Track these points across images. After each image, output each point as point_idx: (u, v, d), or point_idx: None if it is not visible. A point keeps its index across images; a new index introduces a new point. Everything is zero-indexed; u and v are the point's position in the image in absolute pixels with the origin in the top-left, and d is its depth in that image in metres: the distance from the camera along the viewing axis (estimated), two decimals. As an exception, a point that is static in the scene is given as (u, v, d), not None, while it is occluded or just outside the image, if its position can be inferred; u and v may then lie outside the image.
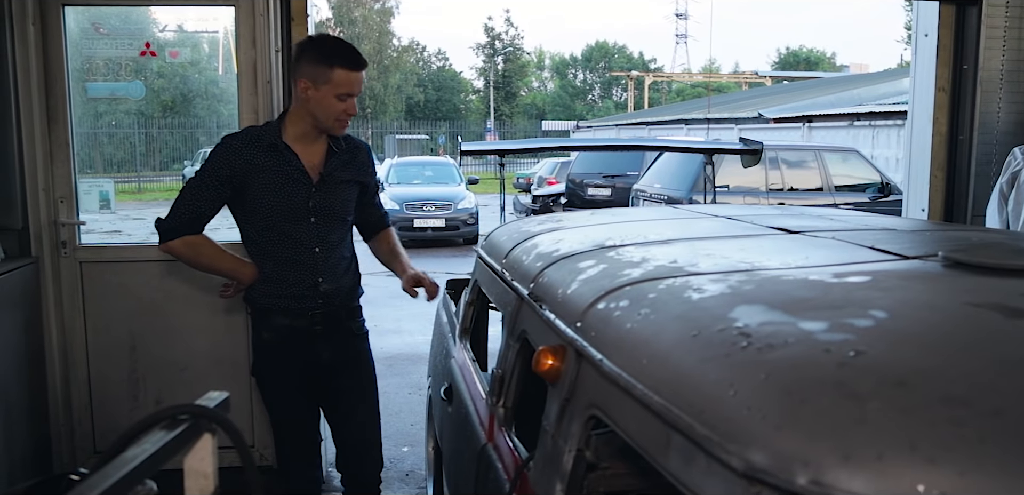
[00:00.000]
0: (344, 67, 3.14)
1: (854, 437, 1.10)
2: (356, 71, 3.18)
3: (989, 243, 2.42)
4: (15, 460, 4.23)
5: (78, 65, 4.64)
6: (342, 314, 3.43)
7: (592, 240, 2.70)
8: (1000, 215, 4.64)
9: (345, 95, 3.16)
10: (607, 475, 1.98)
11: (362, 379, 3.52)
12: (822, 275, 1.88)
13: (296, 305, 3.30)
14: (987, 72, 4.92)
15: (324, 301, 3.33)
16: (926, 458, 1.05)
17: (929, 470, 1.04)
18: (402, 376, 7.00)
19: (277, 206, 3.23)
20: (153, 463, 1.38)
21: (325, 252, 3.31)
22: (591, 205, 16.24)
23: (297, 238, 3.26)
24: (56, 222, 4.55)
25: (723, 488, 1.22)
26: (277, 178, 3.22)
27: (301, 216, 3.26)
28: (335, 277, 3.36)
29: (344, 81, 3.14)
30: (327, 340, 3.37)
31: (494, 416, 2.63)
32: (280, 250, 3.27)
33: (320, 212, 3.29)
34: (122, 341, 4.70)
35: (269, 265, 3.31)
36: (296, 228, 3.26)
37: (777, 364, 1.32)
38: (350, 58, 3.17)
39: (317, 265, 3.30)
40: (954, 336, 1.43)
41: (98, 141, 5.36)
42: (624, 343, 1.70)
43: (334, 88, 3.14)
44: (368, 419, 3.53)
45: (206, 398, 1.59)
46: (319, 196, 3.28)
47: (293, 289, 3.29)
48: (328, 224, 3.32)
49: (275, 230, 3.25)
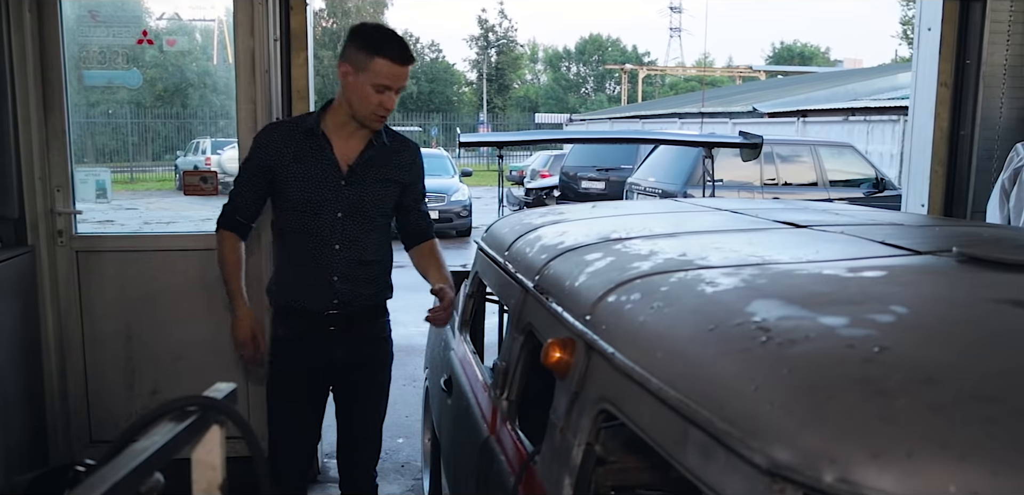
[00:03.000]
0: (387, 58, 3.01)
1: (883, 435, 1.08)
2: (399, 65, 3.04)
3: (1000, 239, 2.40)
4: (12, 450, 4.20)
5: (73, 53, 4.59)
6: (361, 316, 3.30)
7: (597, 233, 2.69)
8: (1001, 211, 4.62)
9: (383, 87, 3.03)
10: (616, 469, 1.97)
11: (372, 380, 3.43)
12: (836, 270, 1.86)
13: (311, 306, 3.21)
14: (990, 67, 4.89)
15: (340, 302, 3.22)
16: (958, 456, 1.03)
17: (961, 469, 1.02)
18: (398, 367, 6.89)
19: (304, 196, 3.13)
20: (162, 455, 1.36)
21: (345, 250, 3.19)
22: (585, 198, 16.20)
23: (319, 233, 3.16)
24: (52, 211, 4.51)
25: (745, 485, 1.20)
26: (307, 167, 3.14)
27: (327, 209, 3.15)
28: (353, 279, 3.22)
29: (385, 72, 3.02)
30: (341, 341, 3.27)
31: (497, 409, 2.61)
32: (302, 245, 3.18)
33: (347, 207, 3.17)
34: (118, 331, 4.66)
35: (289, 263, 3.24)
36: (320, 223, 3.15)
37: (799, 359, 1.30)
38: (395, 49, 3.03)
39: (334, 263, 3.18)
40: (978, 332, 1.41)
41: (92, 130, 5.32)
42: (637, 336, 1.68)
43: (373, 77, 3.01)
44: (371, 416, 3.48)
45: (214, 389, 1.57)
46: (348, 190, 3.17)
47: (309, 289, 3.20)
48: (355, 222, 3.19)
49: (300, 224, 3.16)
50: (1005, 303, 1.54)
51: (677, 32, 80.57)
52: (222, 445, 1.54)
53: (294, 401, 3.33)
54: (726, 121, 27.11)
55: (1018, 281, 1.69)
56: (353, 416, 3.46)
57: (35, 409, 4.49)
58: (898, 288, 1.68)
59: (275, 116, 4.50)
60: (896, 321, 1.42)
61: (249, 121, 4.49)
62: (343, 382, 3.41)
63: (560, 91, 76.89)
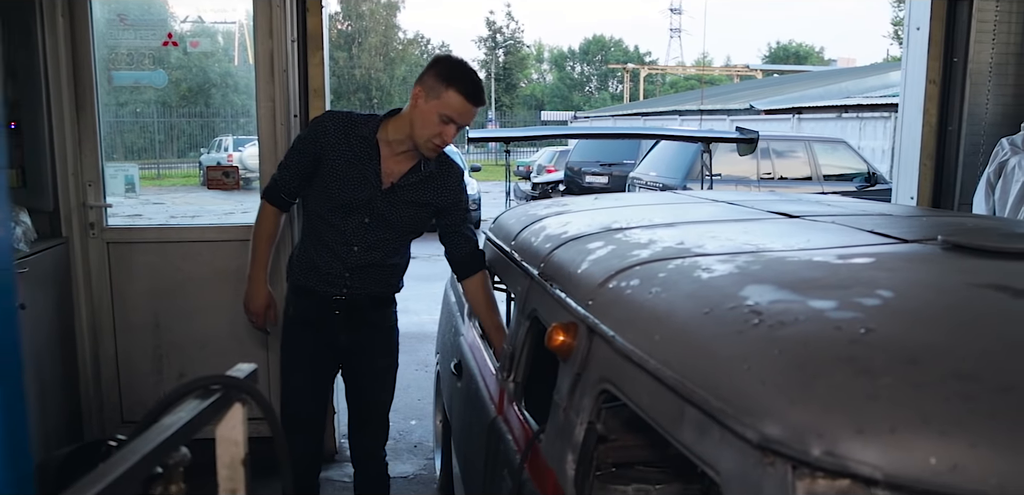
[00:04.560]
0: (459, 92, 2.96)
1: (867, 411, 1.09)
2: (469, 102, 2.98)
3: (983, 228, 2.40)
4: (49, 430, 4.23)
5: (103, 54, 4.62)
6: (365, 304, 3.29)
7: (599, 223, 2.69)
8: (987, 203, 4.63)
9: (449, 119, 2.98)
10: (617, 447, 1.98)
11: (374, 365, 3.43)
12: (827, 257, 1.86)
13: (321, 288, 3.22)
14: (976, 65, 4.88)
15: (348, 291, 3.22)
16: (938, 431, 1.04)
17: (941, 443, 1.03)
18: (410, 353, 6.97)
19: (340, 195, 3.11)
20: (188, 430, 1.37)
21: (363, 253, 3.18)
22: (589, 192, 16.18)
23: (343, 231, 3.15)
24: (84, 205, 4.54)
25: (737, 459, 1.21)
26: (351, 169, 3.11)
27: (357, 214, 3.14)
28: (364, 278, 3.22)
29: (455, 105, 2.96)
30: (346, 326, 3.28)
31: (504, 390, 2.62)
32: (325, 235, 3.18)
33: (376, 217, 3.16)
34: (146, 318, 4.69)
35: (309, 246, 3.25)
36: (347, 223, 3.14)
37: (789, 340, 1.31)
38: (469, 86, 2.98)
39: (349, 260, 3.18)
40: (960, 315, 1.42)
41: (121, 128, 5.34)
42: (636, 320, 1.69)
43: (442, 106, 2.96)
44: (375, 400, 3.49)
45: (236, 370, 1.58)
46: (381, 204, 3.14)
47: (321, 275, 3.21)
48: (379, 232, 3.18)
49: (329, 216, 3.16)
50: (986, 288, 1.55)
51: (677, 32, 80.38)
52: (244, 422, 1.55)
53: (301, 374, 3.36)
54: (724, 118, 27.03)
55: (999, 267, 1.69)
56: (359, 399, 3.48)
57: (71, 392, 4.53)
58: (884, 274, 1.68)
59: (293, 113, 4.52)
60: (881, 305, 1.43)
61: (268, 118, 4.52)
62: (348, 365, 3.43)
63: (565, 90, 76.69)
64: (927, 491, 1.01)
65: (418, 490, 4.79)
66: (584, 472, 1.83)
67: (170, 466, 1.43)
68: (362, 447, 3.54)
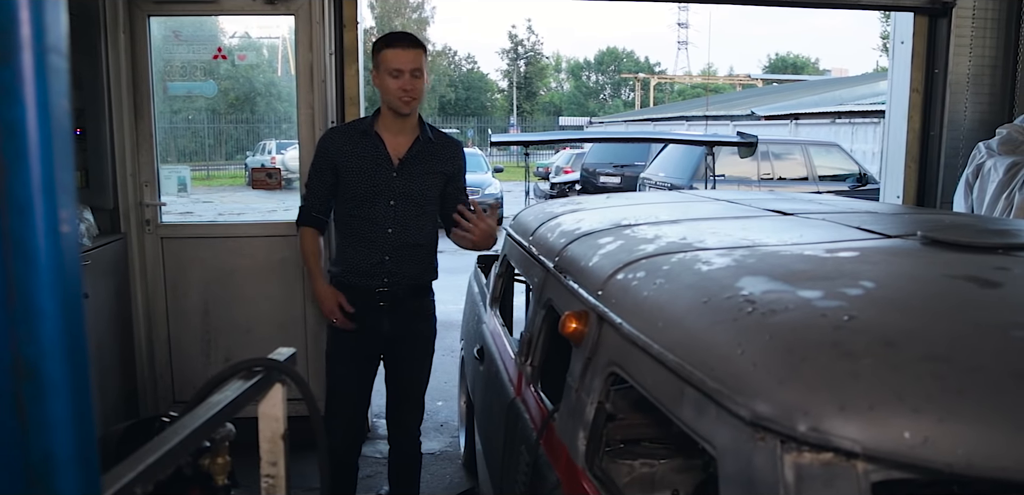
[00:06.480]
0: (387, 46, 3.13)
1: (848, 390, 1.10)
2: (400, 48, 3.13)
3: (959, 224, 2.39)
4: (108, 408, 4.29)
5: (159, 67, 4.67)
6: (405, 294, 3.32)
7: (609, 220, 2.70)
8: (966, 202, 4.61)
9: (396, 71, 3.12)
10: (624, 425, 2.00)
11: (417, 352, 3.45)
12: (816, 251, 1.87)
13: (364, 283, 3.25)
14: (955, 76, 4.90)
15: (389, 279, 3.25)
16: (912, 408, 1.05)
17: (914, 418, 1.04)
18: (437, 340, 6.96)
19: (362, 187, 3.20)
20: (233, 408, 1.40)
21: (398, 233, 3.23)
22: (603, 191, 16.14)
23: (374, 219, 3.21)
24: (141, 203, 4.59)
25: (731, 435, 1.22)
26: (364, 162, 3.21)
27: (382, 197, 3.21)
28: (402, 260, 3.26)
29: (391, 58, 3.11)
30: (389, 316, 3.31)
31: (522, 373, 2.64)
32: (359, 229, 3.23)
33: (399, 195, 3.22)
34: (196, 306, 4.74)
35: (347, 246, 3.29)
36: (375, 209, 3.21)
37: (779, 327, 1.32)
38: (393, 38, 3.17)
39: (386, 244, 3.23)
40: (935, 303, 1.42)
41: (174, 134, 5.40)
42: (641, 309, 1.70)
43: (385, 67, 3.12)
44: (414, 382, 3.50)
45: (276, 353, 1.61)
46: (400, 180, 3.22)
47: (362, 266, 3.24)
48: (406, 208, 3.24)
49: (359, 211, 3.22)
50: (960, 279, 1.55)
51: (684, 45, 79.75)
52: (284, 400, 1.58)
53: (348, 365, 3.37)
54: (727, 123, 26.86)
55: (973, 260, 1.69)
56: (399, 382, 3.49)
57: (128, 373, 4.59)
58: (868, 266, 1.68)
59: (330, 119, 4.55)
60: (864, 294, 1.44)
61: (308, 124, 4.55)
62: (390, 352, 3.44)
63: (581, 97, 76.41)
64: (902, 463, 1.02)
65: (444, 465, 4.81)
66: (594, 448, 1.85)
67: (217, 440, 1.46)
68: (401, 425, 3.55)
